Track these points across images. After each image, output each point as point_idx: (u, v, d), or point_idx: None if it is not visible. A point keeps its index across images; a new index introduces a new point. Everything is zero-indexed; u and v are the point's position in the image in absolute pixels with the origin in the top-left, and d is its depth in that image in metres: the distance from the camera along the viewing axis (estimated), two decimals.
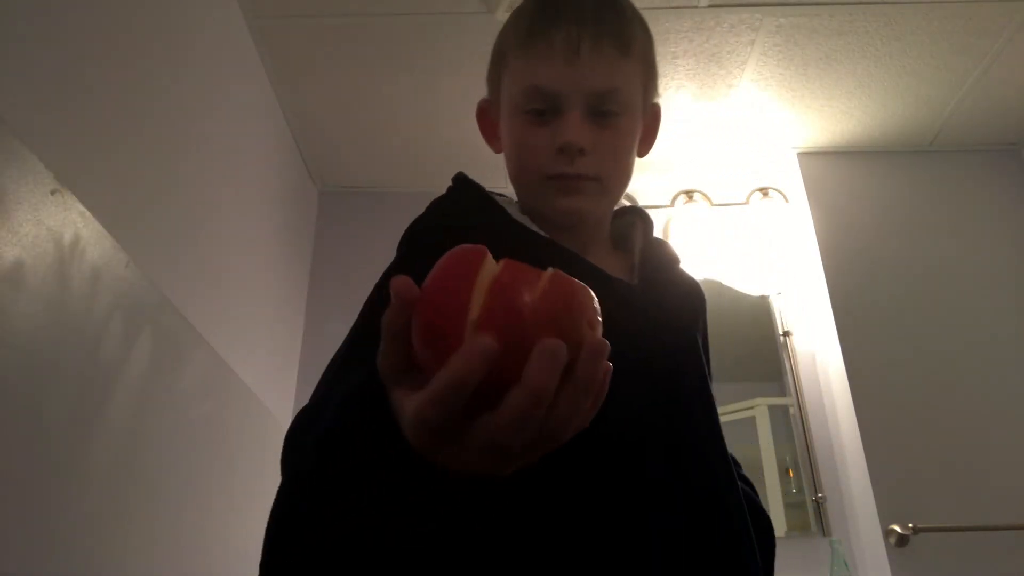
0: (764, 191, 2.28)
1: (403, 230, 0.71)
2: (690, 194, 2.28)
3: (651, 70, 0.76)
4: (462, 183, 0.75)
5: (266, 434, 1.73)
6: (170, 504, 1.26)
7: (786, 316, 2.20)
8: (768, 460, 2.01)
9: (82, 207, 1.02)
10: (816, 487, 1.97)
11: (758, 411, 2.08)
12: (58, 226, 0.97)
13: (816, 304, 2.14)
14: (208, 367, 1.46)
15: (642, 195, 2.31)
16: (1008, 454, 1.84)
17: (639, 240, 0.79)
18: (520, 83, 0.71)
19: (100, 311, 1.07)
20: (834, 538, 1.83)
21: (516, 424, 0.35)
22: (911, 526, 1.74)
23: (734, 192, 2.34)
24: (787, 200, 2.28)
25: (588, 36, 0.68)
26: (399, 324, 0.39)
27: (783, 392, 2.12)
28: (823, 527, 1.93)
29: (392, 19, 1.79)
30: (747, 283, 2.25)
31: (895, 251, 2.12)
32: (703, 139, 2.22)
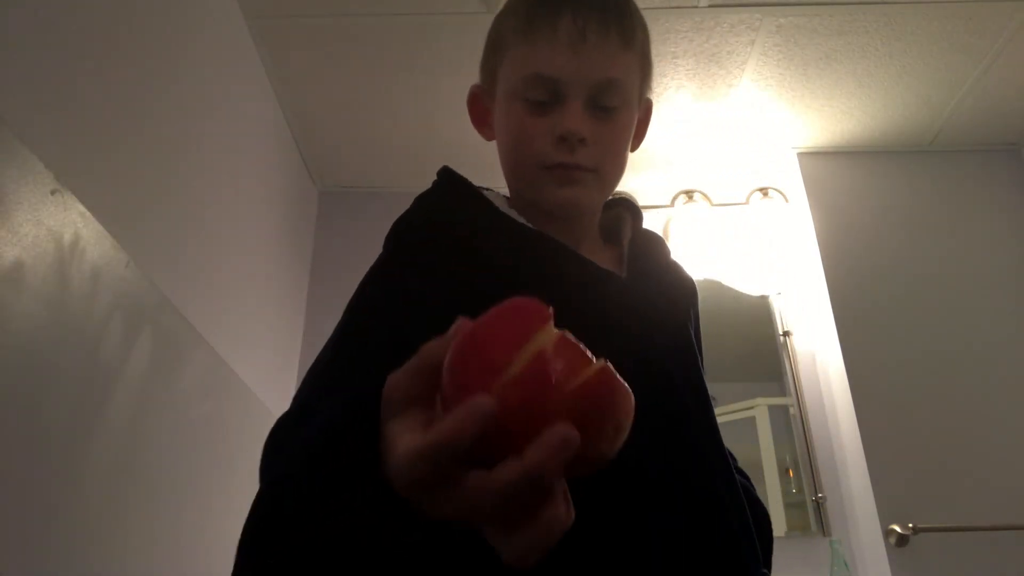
0: (764, 191, 2.28)
1: None
2: (690, 194, 2.28)
3: (648, 64, 0.75)
4: (446, 177, 0.74)
5: (266, 434, 1.73)
6: (170, 504, 1.26)
7: (786, 316, 2.20)
8: (768, 460, 2.01)
9: (82, 207, 1.02)
10: (816, 487, 1.97)
11: (758, 411, 2.08)
12: (58, 226, 0.97)
13: (816, 304, 2.14)
14: (208, 367, 1.46)
15: (642, 195, 2.31)
16: (1008, 454, 1.84)
17: (627, 232, 0.78)
18: (521, 70, 0.69)
19: (100, 311, 1.07)
20: (834, 538, 1.83)
21: (501, 496, 0.32)
22: (911, 526, 1.74)
23: (734, 192, 2.34)
24: (787, 200, 2.28)
25: (594, 23, 0.66)
26: (440, 358, 0.37)
27: (783, 392, 2.12)
28: (823, 527, 1.92)
29: (392, 19, 1.79)
30: (747, 283, 2.24)
31: (895, 251, 2.12)
32: (703, 139, 2.22)
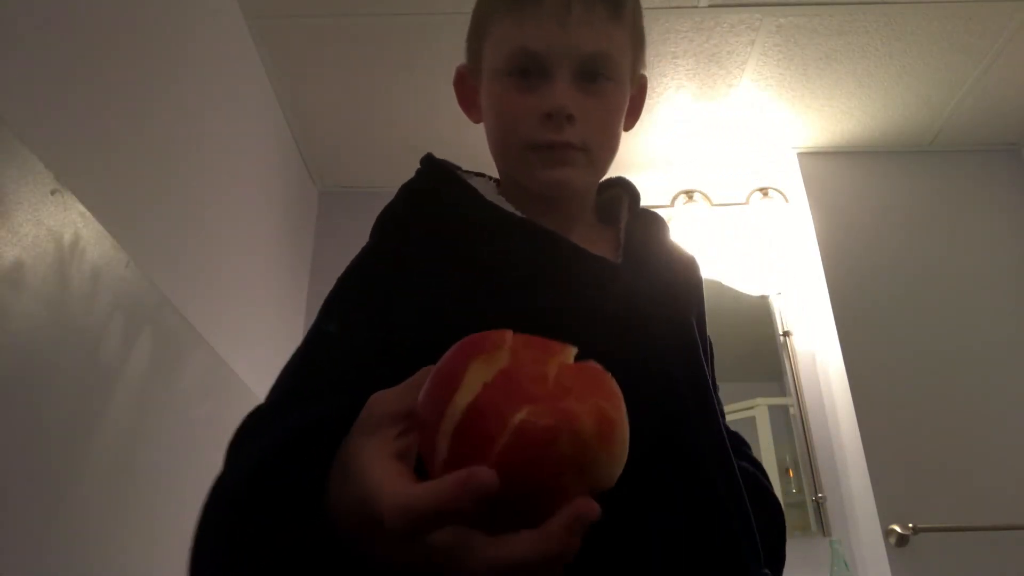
0: (764, 191, 2.27)
1: None
2: (690, 194, 2.28)
3: (640, 38, 0.73)
4: (429, 164, 0.72)
5: None
6: (170, 504, 1.26)
7: (786, 316, 2.20)
8: (768, 460, 2.01)
9: (82, 207, 1.02)
10: (816, 487, 1.97)
11: (758, 411, 2.08)
12: (58, 226, 0.97)
13: (816, 304, 2.14)
14: (208, 367, 1.46)
15: (642, 195, 2.30)
16: (1008, 454, 1.84)
17: (624, 214, 0.76)
18: (505, 45, 0.66)
19: (100, 311, 1.07)
20: (834, 538, 1.83)
21: (510, 569, 0.32)
22: (911, 526, 1.74)
23: (734, 192, 2.34)
24: (787, 200, 2.28)
25: None
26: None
27: (783, 392, 2.12)
28: (823, 527, 1.92)
29: (392, 19, 1.79)
30: (747, 283, 2.24)
31: (895, 251, 2.12)
32: (703, 139, 2.22)
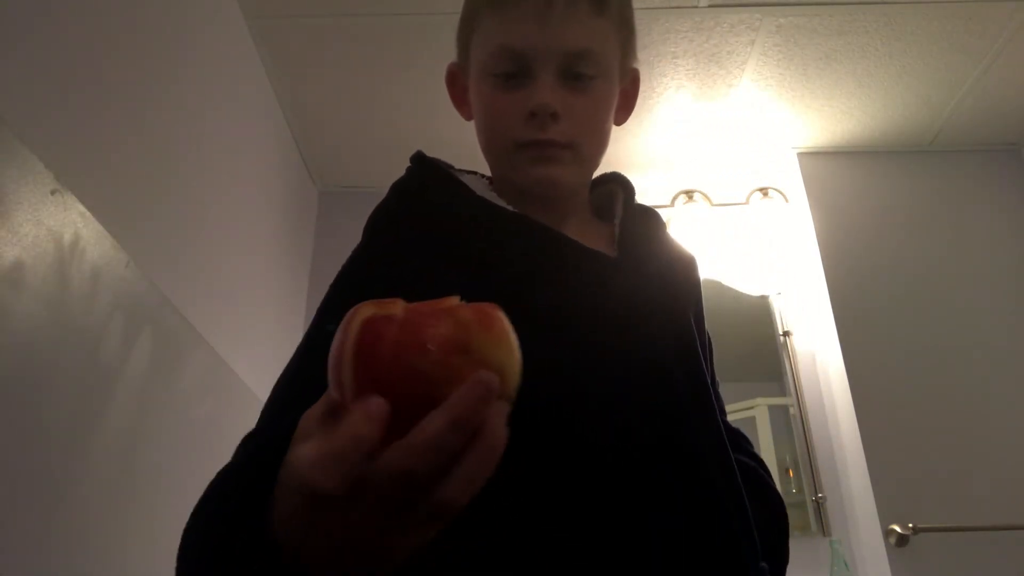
0: (764, 191, 2.27)
1: None
2: (690, 194, 2.28)
3: (629, 31, 0.72)
4: (419, 162, 0.71)
5: None
6: (170, 504, 1.26)
7: (786, 316, 2.20)
8: (768, 460, 1.98)
9: (82, 207, 1.02)
10: (816, 487, 1.97)
11: (758, 411, 2.08)
12: (58, 226, 0.97)
13: (816, 304, 2.14)
14: (208, 367, 1.46)
15: (642, 195, 2.28)
16: (1008, 454, 1.84)
17: (619, 209, 0.75)
18: (489, 44, 0.67)
19: (100, 311, 1.07)
20: (834, 538, 1.83)
21: (431, 447, 0.33)
22: (911, 526, 1.74)
23: (734, 192, 2.34)
24: (787, 200, 2.28)
25: None
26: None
27: (783, 392, 2.12)
28: (823, 527, 1.92)
29: (392, 19, 1.79)
30: (747, 283, 2.24)
31: (895, 251, 2.12)
32: (703, 139, 2.22)
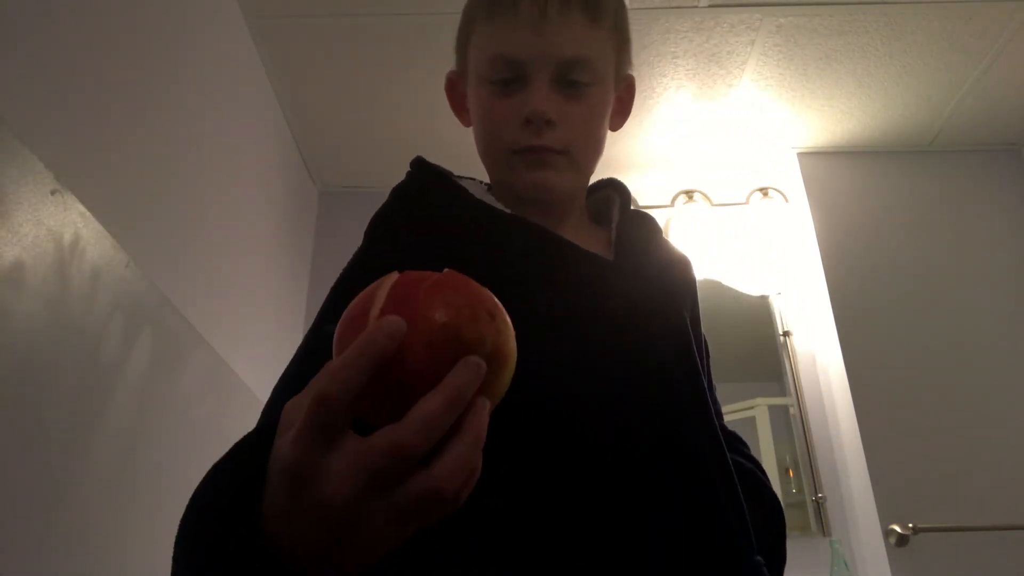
0: (764, 191, 2.27)
1: None
2: (690, 194, 2.28)
3: (624, 39, 0.73)
4: (419, 167, 0.73)
5: None
6: (170, 504, 1.26)
7: (786, 316, 2.20)
8: (768, 460, 2.01)
9: (82, 207, 1.02)
10: (816, 487, 1.97)
11: (758, 411, 2.08)
12: (58, 226, 0.97)
13: (816, 304, 2.14)
14: (208, 367, 1.46)
15: (642, 195, 2.31)
16: (1008, 454, 1.84)
17: (615, 214, 0.76)
18: (485, 52, 0.68)
19: (100, 311, 1.07)
20: (834, 538, 1.83)
21: (425, 423, 0.34)
22: (911, 526, 1.74)
23: (734, 192, 2.34)
24: (787, 200, 2.28)
25: (556, 2, 0.66)
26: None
27: (783, 392, 2.12)
28: (823, 527, 1.92)
29: (392, 19, 1.79)
30: (747, 283, 2.24)
31: (895, 251, 2.12)
32: (703, 139, 2.22)
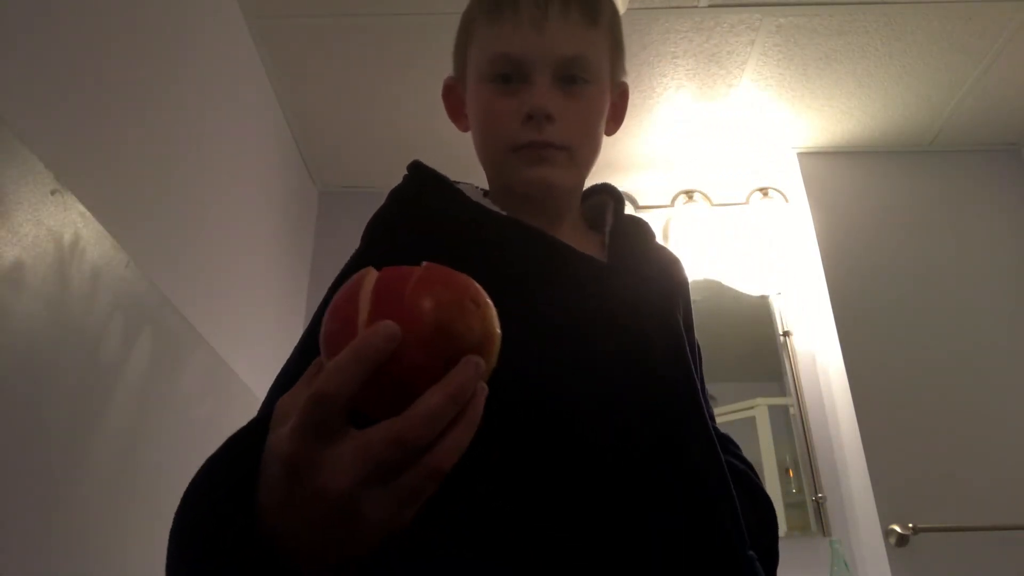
0: (764, 191, 2.27)
1: None
2: (690, 194, 2.28)
3: (618, 45, 0.75)
4: (416, 170, 0.74)
5: None
6: (170, 504, 1.26)
7: (786, 316, 2.20)
8: (768, 460, 2.01)
9: (82, 207, 1.02)
10: (816, 487, 1.97)
11: (758, 411, 2.08)
12: (58, 226, 0.97)
13: (816, 304, 2.14)
14: (208, 367, 1.46)
15: (642, 195, 2.31)
16: (1008, 454, 1.84)
17: (609, 219, 0.77)
18: (487, 51, 0.70)
19: (100, 311, 1.07)
20: (834, 538, 1.83)
21: (428, 420, 0.36)
22: (911, 526, 1.74)
23: (734, 192, 2.34)
24: (787, 200, 2.28)
25: (557, 2, 0.67)
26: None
27: (783, 392, 2.12)
28: (823, 527, 1.92)
29: (392, 19, 1.79)
30: (747, 283, 2.24)
31: (895, 251, 2.12)
32: (703, 139, 2.22)
